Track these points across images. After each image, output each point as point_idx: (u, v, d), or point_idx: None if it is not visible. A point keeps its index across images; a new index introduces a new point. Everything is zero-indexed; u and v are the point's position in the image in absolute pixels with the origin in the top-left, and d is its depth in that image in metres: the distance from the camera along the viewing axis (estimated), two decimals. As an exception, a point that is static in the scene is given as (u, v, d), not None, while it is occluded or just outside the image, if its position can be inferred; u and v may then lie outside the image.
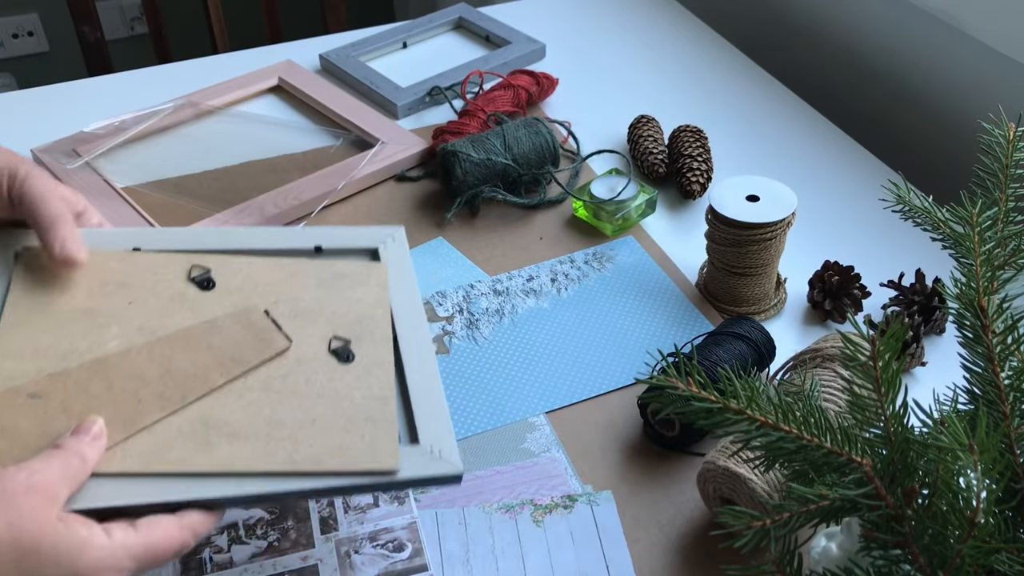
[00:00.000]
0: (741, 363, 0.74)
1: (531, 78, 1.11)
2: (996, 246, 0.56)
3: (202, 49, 1.43)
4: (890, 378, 0.47)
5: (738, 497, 0.63)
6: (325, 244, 0.69)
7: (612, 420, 0.75)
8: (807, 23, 1.27)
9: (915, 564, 0.45)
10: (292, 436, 0.57)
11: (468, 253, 0.92)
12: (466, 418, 0.75)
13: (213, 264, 0.65)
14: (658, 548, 0.66)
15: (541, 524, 0.68)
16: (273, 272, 0.66)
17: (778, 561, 0.48)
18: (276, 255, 0.68)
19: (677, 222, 0.96)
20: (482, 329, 0.83)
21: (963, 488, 0.43)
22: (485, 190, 0.95)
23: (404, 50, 1.26)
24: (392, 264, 0.70)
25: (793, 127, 1.10)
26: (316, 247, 0.69)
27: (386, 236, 0.71)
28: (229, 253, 0.67)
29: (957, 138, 1.07)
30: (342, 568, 0.65)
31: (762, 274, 0.83)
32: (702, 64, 1.23)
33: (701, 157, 0.98)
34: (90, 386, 0.57)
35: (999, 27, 0.96)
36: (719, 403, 0.48)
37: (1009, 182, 0.59)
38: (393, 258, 0.70)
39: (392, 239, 0.71)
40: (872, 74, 1.18)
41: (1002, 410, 0.50)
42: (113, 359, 0.59)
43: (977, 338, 0.52)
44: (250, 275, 0.65)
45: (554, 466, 0.72)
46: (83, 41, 1.54)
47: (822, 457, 0.47)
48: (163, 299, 0.63)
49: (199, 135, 1.06)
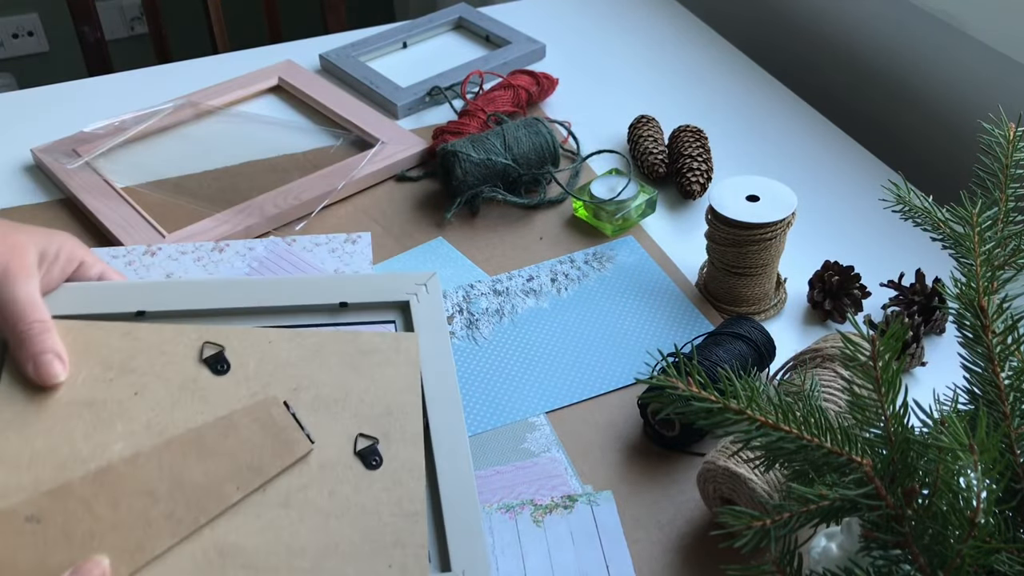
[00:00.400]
0: (741, 363, 0.74)
1: (531, 78, 1.11)
2: (996, 246, 0.56)
3: (202, 49, 1.43)
4: (890, 378, 0.47)
5: (738, 497, 0.63)
6: (351, 299, 0.63)
7: (612, 420, 0.75)
8: (807, 23, 1.27)
9: (915, 564, 0.45)
10: (314, 568, 0.52)
11: (468, 253, 0.92)
12: (466, 418, 0.75)
13: (226, 340, 0.59)
14: (658, 548, 0.66)
15: (541, 524, 0.68)
16: (293, 349, 0.60)
17: (778, 561, 0.48)
18: (298, 312, 0.63)
19: (677, 222, 0.96)
20: (482, 329, 0.83)
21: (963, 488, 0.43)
22: (485, 190, 0.95)
23: (404, 50, 1.26)
24: (423, 324, 0.63)
25: (793, 127, 1.10)
26: (341, 303, 0.63)
27: (418, 287, 0.65)
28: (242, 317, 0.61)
29: (957, 138, 1.07)
30: (342, 568, 0.64)
31: (762, 274, 0.83)
32: (702, 64, 1.23)
33: (701, 157, 0.98)
34: (94, 505, 0.52)
35: (999, 27, 0.96)
36: (719, 403, 0.48)
37: (1009, 182, 0.59)
38: (424, 313, 0.64)
39: (425, 290, 0.65)
40: (872, 74, 1.18)
41: (1002, 410, 0.50)
42: (119, 468, 0.53)
43: (977, 338, 0.52)
44: (267, 354, 0.59)
45: (554, 466, 0.72)
46: (83, 41, 1.54)
47: (822, 457, 0.47)
48: (172, 387, 0.57)
49: (199, 135, 1.06)
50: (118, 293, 0.61)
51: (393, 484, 0.56)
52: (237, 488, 0.54)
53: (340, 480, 0.55)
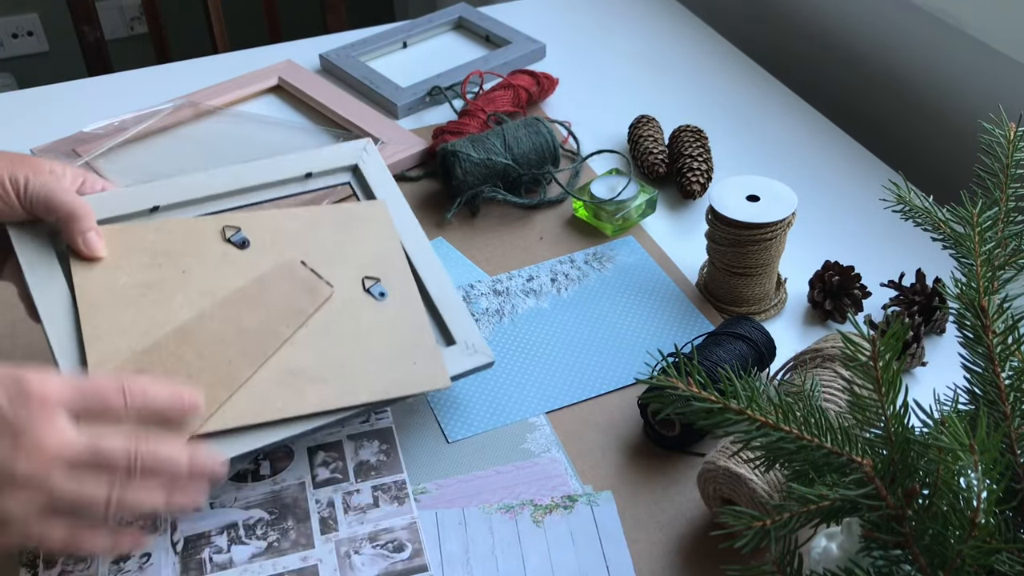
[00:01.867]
0: (741, 363, 0.74)
1: (531, 78, 1.11)
2: (996, 246, 0.56)
3: (202, 49, 1.43)
4: (890, 378, 0.47)
5: (738, 497, 0.63)
6: (314, 169, 0.78)
7: (612, 420, 0.75)
8: (807, 23, 1.27)
9: (915, 564, 0.45)
10: (361, 373, 0.67)
11: (468, 253, 0.92)
12: (466, 418, 0.75)
13: (241, 222, 0.72)
14: (658, 548, 0.66)
15: (541, 524, 0.68)
16: (294, 222, 0.73)
17: (778, 561, 0.48)
18: (277, 185, 0.76)
19: (677, 222, 0.96)
20: (482, 329, 0.83)
21: (963, 488, 0.43)
22: (485, 190, 0.95)
23: (404, 50, 1.26)
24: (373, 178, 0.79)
25: (793, 127, 1.10)
26: (307, 173, 0.77)
27: (361, 151, 0.80)
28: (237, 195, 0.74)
29: (957, 138, 1.07)
30: (342, 568, 0.65)
31: (762, 274, 0.83)
32: (702, 64, 1.23)
33: (701, 157, 0.98)
34: (183, 355, 0.64)
35: (999, 27, 0.96)
36: (719, 403, 0.48)
37: (1009, 182, 0.59)
38: (371, 170, 0.79)
39: (365, 151, 0.80)
40: (872, 74, 1.18)
41: (1002, 410, 0.50)
42: (191, 326, 0.65)
43: (977, 338, 0.52)
44: (277, 229, 0.72)
45: (554, 466, 0.72)
46: (83, 41, 1.54)
47: (822, 457, 0.47)
48: (209, 263, 0.69)
49: (199, 135, 1.06)
50: (130, 196, 0.72)
51: (400, 307, 0.72)
52: (287, 327, 0.67)
53: (360, 310, 0.70)
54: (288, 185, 0.77)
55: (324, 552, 0.66)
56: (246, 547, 0.66)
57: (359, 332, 0.69)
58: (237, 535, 0.67)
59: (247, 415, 0.63)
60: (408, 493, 0.70)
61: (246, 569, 0.65)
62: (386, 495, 0.69)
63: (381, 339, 0.69)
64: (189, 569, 0.65)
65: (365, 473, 0.71)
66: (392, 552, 0.66)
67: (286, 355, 0.66)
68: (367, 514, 0.68)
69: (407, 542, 0.66)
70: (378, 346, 0.69)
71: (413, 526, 0.67)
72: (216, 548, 0.66)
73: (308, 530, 0.67)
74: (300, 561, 0.65)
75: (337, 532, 0.67)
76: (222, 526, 0.67)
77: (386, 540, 0.67)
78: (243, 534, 0.67)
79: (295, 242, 0.72)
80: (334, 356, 0.67)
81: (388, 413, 0.75)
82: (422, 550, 0.66)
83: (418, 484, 0.70)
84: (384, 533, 0.67)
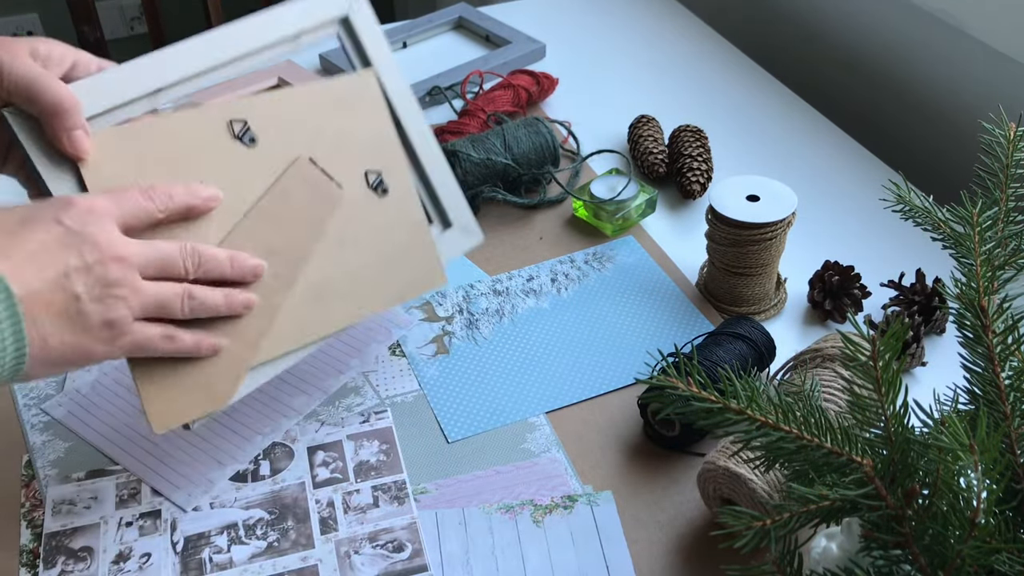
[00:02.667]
0: (741, 363, 0.74)
1: (531, 78, 1.11)
2: (996, 246, 0.56)
3: (202, 49, 1.43)
4: (890, 378, 0.47)
5: (738, 497, 0.63)
6: (305, 26, 0.71)
7: (612, 420, 0.75)
8: (807, 23, 1.27)
9: (915, 564, 0.45)
10: (375, 280, 0.69)
11: (468, 253, 0.92)
12: (466, 418, 0.75)
13: (245, 113, 0.68)
14: (658, 548, 0.66)
15: (541, 524, 0.68)
16: (293, 109, 0.69)
17: (778, 561, 0.48)
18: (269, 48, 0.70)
19: (677, 222, 0.96)
20: (482, 329, 0.83)
21: (963, 488, 0.43)
22: (485, 190, 0.95)
23: (404, 50, 1.26)
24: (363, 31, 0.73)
25: (793, 127, 1.10)
26: (296, 33, 0.71)
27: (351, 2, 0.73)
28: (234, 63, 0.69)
29: (957, 138, 1.07)
30: (342, 568, 0.65)
31: (762, 274, 0.83)
32: (702, 64, 1.23)
33: (701, 157, 0.98)
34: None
35: (999, 27, 0.96)
36: (719, 403, 0.48)
37: (1009, 182, 0.59)
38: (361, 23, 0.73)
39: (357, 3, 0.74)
40: (872, 74, 1.18)
41: (1002, 410, 0.50)
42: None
43: (977, 338, 0.52)
44: (278, 118, 0.68)
45: (554, 466, 0.72)
46: (83, 41, 1.54)
47: (822, 457, 0.47)
48: (225, 170, 0.65)
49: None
50: (128, 79, 0.65)
51: (401, 203, 0.71)
52: (308, 240, 0.67)
53: (368, 212, 0.69)
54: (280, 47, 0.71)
55: (324, 552, 0.66)
56: (246, 547, 0.66)
57: (368, 238, 0.69)
58: (237, 535, 0.67)
59: (287, 341, 0.65)
60: (408, 493, 0.70)
61: (246, 569, 0.65)
62: (386, 495, 0.69)
63: (388, 240, 0.70)
64: (189, 569, 0.65)
65: (365, 473, 0.71)
66: (392, 552, 0.66)
67: (312, 273, 0.66)
68: (367, 514, 0.68)
69: (407, 542, 0.66)
70: (383, 249, 0.69)
71: (413, 526, 0.67)
72: (216, 548, 0.66)
73: (308, 530, 0.67)
74: (300, 561, 0.65)
75: (337, 532, 0.67)
76: (222, 526, 0.67)
77: (386, 540, 0.67)
78: (243, 534, 0.67)
79: (299, 133, 0.69)
80: (348, 265, 0.68)
81: (388, 413, 0.76)
82: (422, 550, 0.66)
83: (418, 484, 0.70)
84: (384, 533, 0.67)
